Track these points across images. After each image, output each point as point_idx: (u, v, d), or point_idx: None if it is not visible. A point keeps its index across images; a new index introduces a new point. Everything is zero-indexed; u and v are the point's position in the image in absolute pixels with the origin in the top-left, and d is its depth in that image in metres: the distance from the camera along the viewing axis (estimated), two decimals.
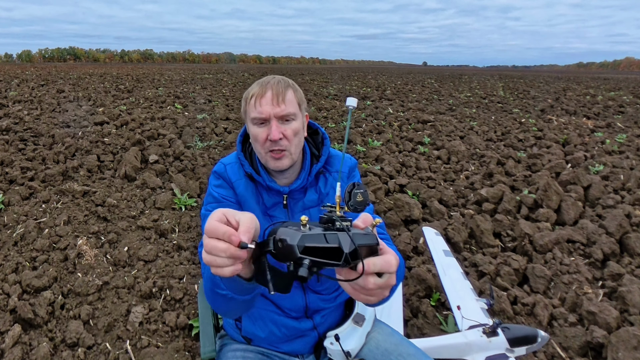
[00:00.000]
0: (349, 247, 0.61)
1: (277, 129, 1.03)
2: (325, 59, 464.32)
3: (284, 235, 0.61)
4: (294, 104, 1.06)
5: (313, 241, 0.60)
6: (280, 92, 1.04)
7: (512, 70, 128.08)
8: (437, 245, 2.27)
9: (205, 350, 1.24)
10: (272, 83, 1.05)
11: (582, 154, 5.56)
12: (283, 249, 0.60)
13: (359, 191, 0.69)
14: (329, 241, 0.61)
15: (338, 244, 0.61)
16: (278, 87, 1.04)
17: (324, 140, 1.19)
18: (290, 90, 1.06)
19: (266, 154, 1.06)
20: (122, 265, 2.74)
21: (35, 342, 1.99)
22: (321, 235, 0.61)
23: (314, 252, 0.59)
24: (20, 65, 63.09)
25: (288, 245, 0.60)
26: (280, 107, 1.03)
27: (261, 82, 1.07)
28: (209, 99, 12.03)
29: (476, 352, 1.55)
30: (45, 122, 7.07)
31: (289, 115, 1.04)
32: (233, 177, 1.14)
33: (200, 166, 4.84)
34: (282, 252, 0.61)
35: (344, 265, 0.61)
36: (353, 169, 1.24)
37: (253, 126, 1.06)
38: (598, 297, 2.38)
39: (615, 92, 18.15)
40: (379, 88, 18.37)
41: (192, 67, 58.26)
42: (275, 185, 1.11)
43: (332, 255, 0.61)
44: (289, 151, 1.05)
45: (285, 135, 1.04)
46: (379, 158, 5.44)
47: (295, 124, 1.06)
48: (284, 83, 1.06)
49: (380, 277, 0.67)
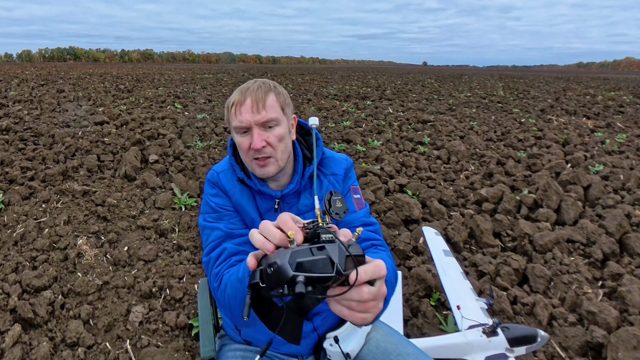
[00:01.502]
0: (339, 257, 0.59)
1: (259, 137, 1.00)
2: (325, 59, 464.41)
3: (271, 259, 0.58)
4: (276, 108, 1.03)
5: (303, 256, 0.57)
6: (259, 98, 1.00)
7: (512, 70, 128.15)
8: (437, 245, 2.27)
9: (205, 350, 1.24)
10: (252, 89, 1.01)
11: (582, 154, 5.56)
12: (274, 274, 0.56)
13: (337, 198, 0.68)
14: (316, 254, 0.58)
15: (327, 255, 0.58)
16: (258, 93, 1.01)
17: (317, 142, 1.15)
18: (271, 95, 1.02)
19: (251, 161, 1.04)
20: (122, 265, 2.75)
21: (35, 342, 1.99)
22: (308, 250, 0.58)
23: (305, 268, 0.56)
24: (20, 65, 63.09)
25: (278, 268, 0.56)
26: (260, 114, 1.00)
27: (241, 89, 1.03)
28: (209, 99, 12.04)
29: (476, 352, 1.55)
30: (45, 122, 7.07)
31: (270, 121, 1.01)
32: (227, 185, 1.12)
33: (200, 166, 4.84)
34: (274, 277, 0.57)
35: (337, 277, 0.58)
36: (349, 171, 1.21)
37: (236, 135, 1.04)
38: (598, 297, 2.38)
39: (615, 92, 18.14)
40: (379, 88, 18.37)
41: (192, 67, 58.26)
42: (267, 190, 1.09)
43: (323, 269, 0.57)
44: (274, 157, 1.03)
45: (268, 142, 1.01)
46: (378, 158, 5.44)
47: (279, 130, 1.03)
48: (264, 88, 1.03)
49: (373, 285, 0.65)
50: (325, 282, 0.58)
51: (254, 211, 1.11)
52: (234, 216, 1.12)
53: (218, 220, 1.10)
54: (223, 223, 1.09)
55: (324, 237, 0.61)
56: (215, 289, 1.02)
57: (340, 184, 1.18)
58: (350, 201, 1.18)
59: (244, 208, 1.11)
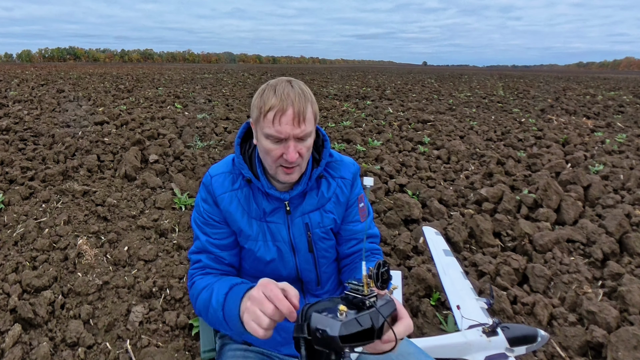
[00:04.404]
0: (379, 323, 0.68)
1: (295, 149, 0.97)
2: (325, 59, 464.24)
3: (321, 325, 0.65)
4: (312, 121, 1.00)
5: (350, 329, 0.64)
6: (301, 110, 0.95)
7: (512, 70, 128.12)
8: (437, 244, 2.27)
9: (205, 350, 1.24)
10: (293, 97, 0.94)
11: (582, 154, 5.56)
12: (323, 339, 0.65)
13: (384, 270, 0.76)
14: (362, 324, 0.66)
15: (371, 324, 0.67)
16: (299, 104, 0.95)
17: (324, 143, 1.15)
18: (310, 106, 0.98)
19: (277, 167, 1.02)
20: (122, 264, 2.75)
21: (36, 342, 1.99)
22: (354, 321, 0.66)
23: (352, 339, 0.65)
24: (20, 65, 63.08)
25: (329, 337, 0.64)
26: (300, 128, 0.95)
27: (280, 94, 0.95)
28: (209, 99, 12.04)
29: (476, 352, 1.55)
30: (45, 121, 7.07)
31: (307, 135, 0.98)
32: (217, 190, 1.11)
33: (200, 166, 4.84)
34: (322, 342, 0.65)
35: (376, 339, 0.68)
36: (356, 177, 1.22)
37: (266, 140, 0.98)
38: (598, 297, 2.38)
39: (615, 91, 18.15)
40: (379, 88, 18.37)
41: (192, 67, 58.27)
42: (276, 193, 1.09)
43: (366, 337, 0.67)
44: (300, 166, 1.03)
45: (300, 154, 0.99)
46: (378, 158, 5.44)
47: (310, 141, 1.02)
48: (304, 98, 0.96)
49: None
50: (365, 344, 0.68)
51: (241, 219, 1.11)
52: (219, 227, 1.14)
53: (203, 225, 1.14)
54: (205, 232, 1.14)
55: (367, 302, 0.70)
56: (189, 287, 1.13)
57: (348, 187, 1.19)
58: (356, 211, 1.21)
59: (231, 215, 1.11)
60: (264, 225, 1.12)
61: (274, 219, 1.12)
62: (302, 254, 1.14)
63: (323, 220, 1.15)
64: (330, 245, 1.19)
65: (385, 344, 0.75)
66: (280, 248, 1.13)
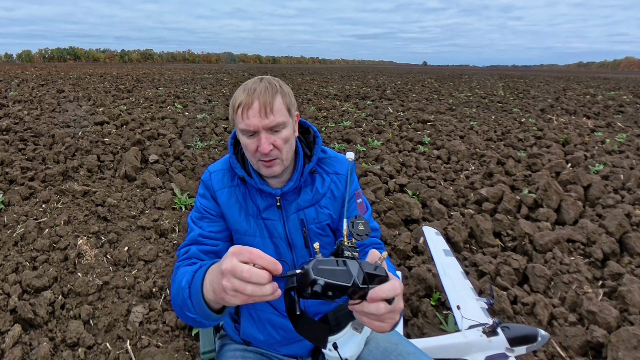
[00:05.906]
0: (357, 273, 0.67)
1: (267, 140, 0.99)
2: (325, 59, 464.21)
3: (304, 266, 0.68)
4: (283, 111, 1.01)
5: (326, 264, 0.67)
6: (267, 101, 0.98)
7: (512, 69, 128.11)
8: (437, 244, 2.27)
9: (205, 350, 1.24)
10: (259, 91, 0.99)
11: (582, 154, 5.56)
12: (302, 276, 0.67)
13: (360, 221, 0.78)
14: (339, 265, 0.67)
15: (347, 268, 0.67)
16: (265, 96, 0.98)
17: (315, 139, 1.18)
18: (278, 97, 1.01)
19: (257, 162, 1.05)
20: (122, 265, 2.75)
21: (36, 342, 1.99)
22: (333, 261, 0.68)
23: (326, 274, 0.65)
24: (20, 65, 63.09)
25: (305, 270, 0.67)
26: (268, 119, 0.98)
27: (247, 89, 1.00)
28: (209, 99, 12.04)
29: (476, 352, 1.55)
30: (45, 122, 7.07)
31: (278, 125, 1.00)
32: (216, 186, 1.13)
33: (200, 166, 4.84)
34: (302, 280, 0.67)
35: (354, 289, 0.67)
36: (352, 172, 1.20)
37: (242, 136, 1.03)
38: (598, 297, 2.38)
39: (615, 91, 18.14)
40: (379, 88, 18.37)
41: (192, 67, 58.26)
42: (268, 188, 1.10)
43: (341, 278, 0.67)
44: (280, 158, 1.04)
45: (275, 146, 1.01)
46: (379, 158, 5.44)
47: (286, 132, 1.02)
48: (271, 90, 1.00)
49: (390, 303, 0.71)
50: (343, 291, 0.67)
51: (240, 215, 1.12)
52: (215, 221, 1.13)
53: (198, 220, 1.14)
54: (200, 226, 1.13)
55: (347, 254, 0.71)
56: (172, 280, 1.06)
57: (343, 183, 1.19)
58: (354, 207, 1.20)
59: (230, 209, 1.12)
60: (260, 222, 1.12)
61: (269, 215, 1.13)
62: (299, 250, 1.15)
63: (318, 216, 1.15)
64: (327, 242, 1.19)
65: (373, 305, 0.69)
66: (277, 244, 1.13)
